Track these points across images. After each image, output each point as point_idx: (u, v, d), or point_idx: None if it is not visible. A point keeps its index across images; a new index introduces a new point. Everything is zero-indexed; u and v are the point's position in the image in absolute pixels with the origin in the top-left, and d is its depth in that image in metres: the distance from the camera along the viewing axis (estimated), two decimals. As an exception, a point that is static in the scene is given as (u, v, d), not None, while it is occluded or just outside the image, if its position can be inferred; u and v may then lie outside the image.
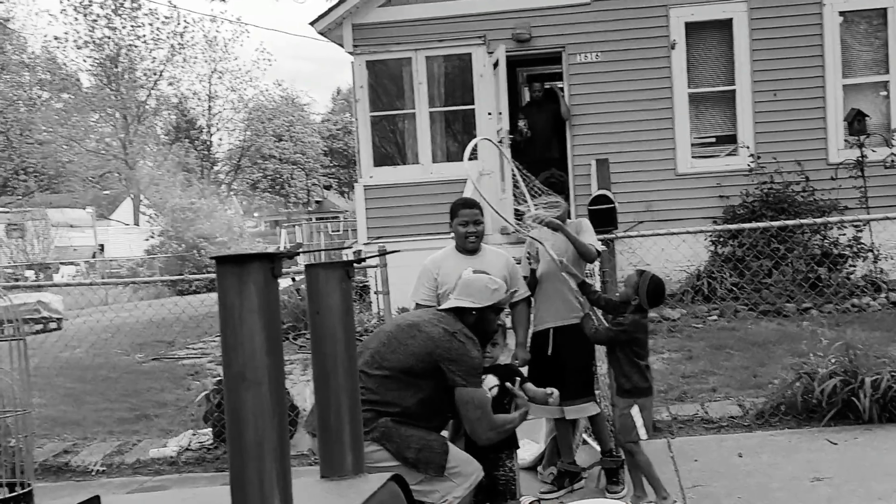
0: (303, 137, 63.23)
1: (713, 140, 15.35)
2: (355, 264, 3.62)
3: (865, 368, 7.44)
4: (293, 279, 14.91)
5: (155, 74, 53.54)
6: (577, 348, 6.23)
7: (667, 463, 6.87)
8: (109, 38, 50.83)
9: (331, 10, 15.53)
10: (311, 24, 15.70)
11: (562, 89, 15.31)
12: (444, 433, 5.13)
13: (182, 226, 35.27)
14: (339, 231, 39.11)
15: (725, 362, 9.66)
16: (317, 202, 68.06)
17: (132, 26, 50.91)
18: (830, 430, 7.29)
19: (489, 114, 15.27)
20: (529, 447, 7.20)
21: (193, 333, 15.60)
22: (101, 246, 46.45)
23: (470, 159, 6.66)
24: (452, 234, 6.21)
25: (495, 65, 15.01)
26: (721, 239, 13.65)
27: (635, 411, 5.83)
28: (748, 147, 14.73)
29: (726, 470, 6.63)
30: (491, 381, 5.16)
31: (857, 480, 6.14)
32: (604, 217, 7.11)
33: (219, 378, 8.77)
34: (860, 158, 13.71)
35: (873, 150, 14.02)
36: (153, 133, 57.95)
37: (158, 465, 8.11)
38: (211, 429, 8.42)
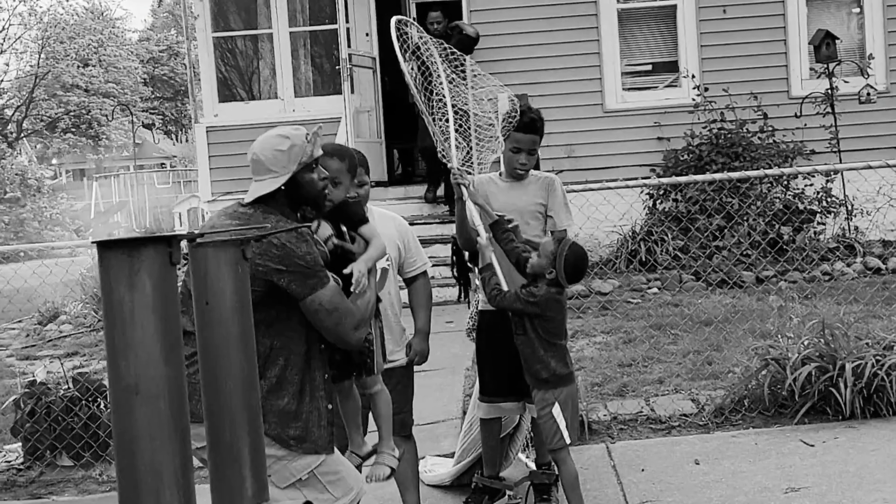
0: (116, 62, 61.94)
1: (649, 68, 15.62)
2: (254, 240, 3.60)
3: (845, 352, 7.68)
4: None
5: (-84, -21, 51.81)
6: None
7: (607, 474, 7.01)
8: None
9: None
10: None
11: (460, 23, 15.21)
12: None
13: (-41, 178, 34.41)
14: (167, 184, 38.62)
15: (672, 346, 9.89)
16: (135, 146, 66.97)
17: None
18: (805, 427, 7.52)
19: (367, 34, 15.24)
20: (436, 463, 7.29)
21: (-17, 320, 15.29)
22: None
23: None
24: None
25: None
26: (661, 191, 13.90)
27: (556, 410, 5.86)
28: (693, 77, 15.02)
29: (681, 481, 6.79)
30: (325, 231, 5.03)
31: (840, 490, 6.37)
32: (526, 167, 7.19)
33: (32, 379, 8.63)
34: (829, 91, 14.10)
35: (845, 81, 14.42)
36: (-85, 56, 56.18)
37: (-47, 493, 7.96)
38: (21, 444, 8.30)
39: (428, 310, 6.36)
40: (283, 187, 4.64)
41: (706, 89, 14.78)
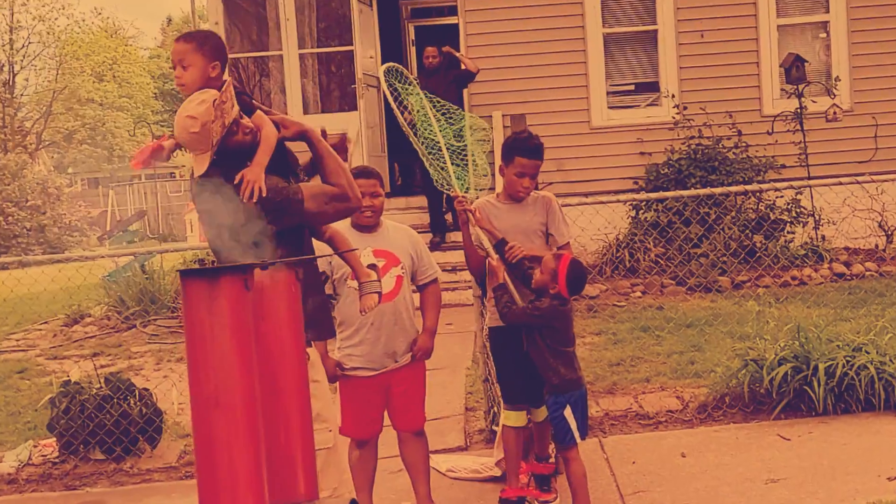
0: (129, 78, 61.85)
1: (632, 88, 15.74)
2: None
3: (818, 353, 7.81)
4: (134, 255, 14.91)
5: (-59, 0, 51.67)
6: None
7: (601, 467, 7.12)
8: None
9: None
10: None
11: (457, 51, 15.11)
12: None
13: (-17, 187, 34.32)
14: (179, 192, 38.60)
15: (656, 347, 10.01)
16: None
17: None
18: (781, 423, 7.65)
19: (371, 56, 15.32)
20: (450, 459, 7.38)
21: (10, 321, 15.23)
22: None
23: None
24: None
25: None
26: (644, 203, 14.03)
27: (567, 412, 5.99)
28: (673, 96, 15.15)
29: (669, 473, 6.92)
30: None
31: (815, 481, 6.49)
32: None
33: (67, 379, 8.69)
34: (798, 110, 14.26)
35: (813, 101, 14.61)
36: (-60, 72, 56.01)
37: (-5, 484, 8.02)
38: (56, 439, 8.35)
39: (437, 311, 6.49)
40: (214, 157, 4.41)
41: (685, 108, 14.92)
